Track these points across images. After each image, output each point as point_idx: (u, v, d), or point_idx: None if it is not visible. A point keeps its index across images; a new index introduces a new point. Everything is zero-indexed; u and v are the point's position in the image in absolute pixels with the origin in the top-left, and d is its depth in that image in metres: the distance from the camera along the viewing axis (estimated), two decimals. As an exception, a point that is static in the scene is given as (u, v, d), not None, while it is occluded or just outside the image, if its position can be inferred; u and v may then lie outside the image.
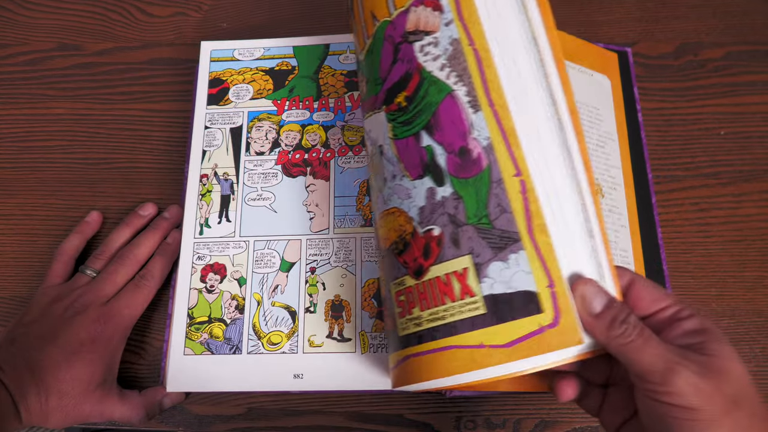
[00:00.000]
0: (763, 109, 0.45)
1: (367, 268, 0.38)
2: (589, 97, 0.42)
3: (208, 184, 0.41)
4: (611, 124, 0.42)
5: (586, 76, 0.42)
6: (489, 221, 0.27)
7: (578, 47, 0.43)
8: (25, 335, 0.35)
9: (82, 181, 0.45)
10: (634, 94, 0.44)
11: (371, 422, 0.39)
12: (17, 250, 0.43)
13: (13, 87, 0.48)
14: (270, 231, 0.39)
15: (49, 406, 0.34)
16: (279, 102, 0.43)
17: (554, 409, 0.38)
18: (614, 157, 0.41)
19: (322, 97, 0.43)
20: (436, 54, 0.29)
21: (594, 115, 0.41)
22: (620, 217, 0.39)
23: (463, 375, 0.26)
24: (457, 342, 0.26)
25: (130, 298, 0.37)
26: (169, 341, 0.38)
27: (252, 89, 0.43)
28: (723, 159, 0.44)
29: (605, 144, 0.41)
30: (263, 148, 0.41)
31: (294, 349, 0.36)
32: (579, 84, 0.42)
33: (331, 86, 0.43)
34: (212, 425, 0.39)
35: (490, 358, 0.25)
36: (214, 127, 0.42)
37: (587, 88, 0.42)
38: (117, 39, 0.49)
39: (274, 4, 0.50)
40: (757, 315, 0.40)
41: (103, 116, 0.47)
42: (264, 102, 0.43)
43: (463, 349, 0.26)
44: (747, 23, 0.47)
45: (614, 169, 0.41)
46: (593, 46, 0.44)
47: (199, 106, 0.43)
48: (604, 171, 0.40)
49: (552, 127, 0.27)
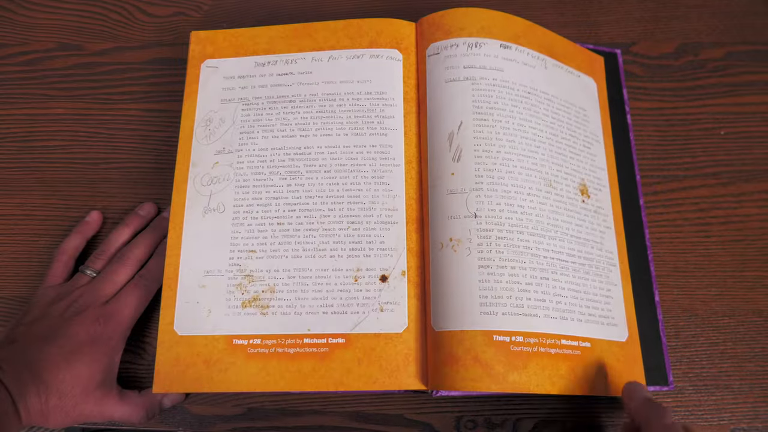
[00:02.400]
0: (763, 109, 0.45)
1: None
2: (576, 98, 0.42)
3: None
4: (597, 126, 0.42)
5: (574, 77, 0.43)
6: None
7: (566, 48, 0.43)
8: (25, 335, 0.35)
9: (82, 181, 0.45)
10: (623, 96, 0.44)
11: (371, 422, 0.39)
12: (17, 250, 0.43)
13: (13, 87, 0.48)
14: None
15: (48, 406, 0.34)
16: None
17: (554, 409, 0.38)
18: (600, 159, 0.41)
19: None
20: None
21: (581, 116, 0.42)
22: (606, 218, 0.40)
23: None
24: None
25: (129, 298, 0.37)
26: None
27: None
28: (723, 159, 0.44)
29: (591, 145, 0.41)
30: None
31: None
32: (567, 85, 0.42)
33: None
34: (212, 425, 0.39)
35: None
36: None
37: (575, 88, 0.42)
38: (117, 39, 0.49)
39: (274, 4, 0.50)
40: (757, 315, 0.40)
41: (103, 116, 0.47)
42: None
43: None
44: (747, 23, 0.47)
45: (600, 171, 0.41)
46: (580, 48, 0.44)
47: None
48: (590, 172, 0.40)
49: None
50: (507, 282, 0.35)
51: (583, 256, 0.37)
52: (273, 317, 0.36)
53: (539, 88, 0.40)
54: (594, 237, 0.39)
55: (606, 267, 0.38)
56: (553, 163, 0.39)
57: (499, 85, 0.39)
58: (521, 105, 0.39)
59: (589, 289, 0.37)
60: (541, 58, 0.41)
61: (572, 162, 0.40)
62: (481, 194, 0.36)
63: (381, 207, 0.38)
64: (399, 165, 0.39)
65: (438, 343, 0.34)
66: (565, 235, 0.37)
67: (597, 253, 0.38)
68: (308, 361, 0.35)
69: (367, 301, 0.36)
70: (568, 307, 0.36)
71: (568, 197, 0.38)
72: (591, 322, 0.36)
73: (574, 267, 0.37)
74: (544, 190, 0.38)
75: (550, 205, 0.37)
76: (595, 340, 0.36)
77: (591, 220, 0.39)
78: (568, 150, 0.40)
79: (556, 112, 0.41)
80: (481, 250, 0.35)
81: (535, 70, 0.41)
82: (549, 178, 0.38)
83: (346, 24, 0.42)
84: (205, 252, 0.38)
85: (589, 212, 0.39)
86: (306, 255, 0.37)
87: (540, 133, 0.39)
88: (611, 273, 0.39)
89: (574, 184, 0.39)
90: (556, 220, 0.37)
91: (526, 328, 0.34)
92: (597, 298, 0.37)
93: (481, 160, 0.37)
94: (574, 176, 0.39)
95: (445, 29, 0.41)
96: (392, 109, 0.40)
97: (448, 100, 0.39)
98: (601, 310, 0.37)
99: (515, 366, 0.33)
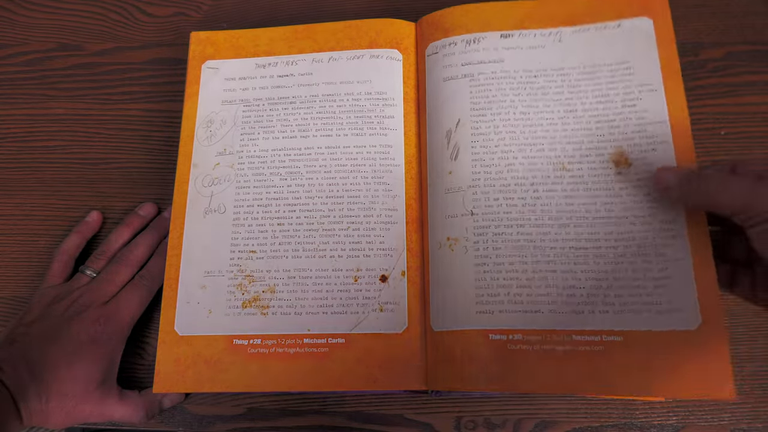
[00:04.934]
0: (763, 109, 0.45)
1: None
2: (611, 55, 0.38)
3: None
4: (651, 72, 0.37)
5: (609, 32, 0.39)
6: None
7: (596, 3, 0.39)
8: (25, 335, 0.35)
9: (82, 181, 0.45)
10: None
11: (371, 422, 0.39)
12: (17, 250, 0.43)
13: (13, 87, 0.48)
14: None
15: (49, 406, 0.34)
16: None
17: (554, 409, 0.38)
18: (654, 112, 0.36)
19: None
20: None
21: (619, 73, 0.38)
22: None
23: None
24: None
25: (129, 299, 0.38)
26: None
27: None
28: (723, 159, 0.44)
29: (638, 100, 0.37)
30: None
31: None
32: (596, 46, 0.39)
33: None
34: (212, 425, 0.39)
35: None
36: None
37: (609, 44, 0.38)
38: (117, 39, 0.49)
39: (274, 5, 0.50)
40: (757, 315, 0.40)
41: (103, 116, 0.47)
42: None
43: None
44: (747, 23, 0.47)
45: (654, 125, 0.36)
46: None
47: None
48: (636, 133, 0.36)
49: None
50: (504, 279, 0.34)
51: (613, 237, 0.34)
52: (273, 317, 0.36)
53: (549, 67, 0.39)
54: (636, 212, 0.34)
55: (658, 244, 0.34)
56: (568, 142, 0.36)
57: (499, 77, 0.39)
58: (524, 92, 0.38)
59: (624, 274, 0.33)
60: (554, 32, 0.39)
61: (601, 132, 0.36)
62: (477, 191, 0.36)
63: (381, 207, 0.38)
64: (399, 165, 0.39)
65: (437, 343, 0.34)
66: (584, 219, 0.35)
67: (640, 230, 0.34)
68: (308, 361, 0.35)
69: (366, 301, 0.36)
70: (587, 299, 0.33)
71: (591, 176, 0.36)
72: (625, 312, 0.33)
73: (597, 252, 0.34)
74: (554, 176, 0.36)
75: (561, 191, 0.36)
76: (632, 333, 0.32)
77: (631, 192, 0.35)
78: (593, 121, 0.37)
79: (576, 84, 0.38)
80: (478, 248, 0.35)
81: (544, 50, 0.39)
82: (561, 161, 0.36)
83: (347, 25, 0.42)
84: (206, 252, 0.38)
85: (629, 184, 0.35)
86: (306, 255, 0.37)
87: (550, 116, 0.37)
88: (669, 248, 0.33)
89: (603, 158, 0.36)
90: (570, 206, 0.35)
91: (526, 326, 0.33)
92: (638, 282, 0.33)
93: (478, 156, 0.37)
94: (605, 147, 0.36)
95: (444, 28, 0.41)
96: (392, 109, 0.40)
97: (446, 98, 0.39)
98: (646, 297, 0.33)
99: (513, 365, 0.33)
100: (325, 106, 0.41)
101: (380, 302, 0.36)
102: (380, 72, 0.41)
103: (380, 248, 0.37)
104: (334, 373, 0.35)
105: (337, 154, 0.39)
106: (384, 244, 0.37)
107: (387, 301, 0.36)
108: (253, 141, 0.40)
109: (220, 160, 0.40)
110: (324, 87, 0.41)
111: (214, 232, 0.38)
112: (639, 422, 0.38)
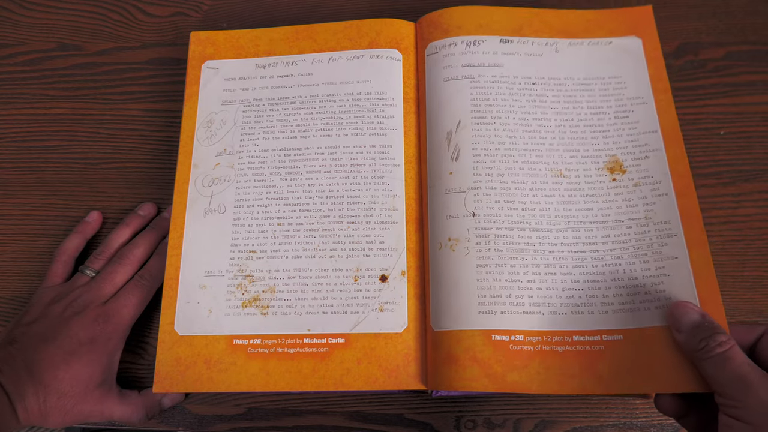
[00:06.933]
0: (763, 109, 0.45)
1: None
2: (605, 69, 0.40)
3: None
4: (641, 87, 0.39)
5: (602, 47, 0.40)
6: None
7: (591, 19, 0.41)
8: (25, 335, 0.35)
9: (82, 181, 0.45)
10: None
11: (371, 422, 0.39)
12: (17, 250, 0.43)
13: (13, 87, 0.48)
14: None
15: (47, 406, 0.34)
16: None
17: (554, 409, 0.38)
18: (646, 122, 0.38)
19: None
20: None
21: (612, 87, 0.40)
22: (656, 186, 0.36)
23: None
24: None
25: (129, 298, 0.38)
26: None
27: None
28: (723, 159, 0.44)
29: (630, 112, 0.39)
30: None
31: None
32: (590, 59, 0.40)
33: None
34: (212, 425, 0.39)
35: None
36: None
37: (603, 59, 0.40)
38: (117, 39, 0.49)
39: (274, 5, 0.50)
40: (757, 315, 0.40)
41: (103, 116, 0.47)
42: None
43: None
44: (747, 23, 0.47)
45: (646, 135, 0.38)
46: (615, 11, 0.42)
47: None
48: (629, 142, 0.38)
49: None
50: (506, 280, 0.34)
51: (611, 240, 0.35)
52: (273, 317, 0.36)
53: (547, 76, 0.40)
54: (632, 215, 0.36)
55: (655, 243, 0.35)
56: (565, 150, 0.38)
57: (499, 81, 0.39)
58: (523, 98, 0.39)
59: (623, 275, 0.34)
60: (551, 43, 0.41)
61: (596, 141, 0.38)
62: (479, 193, 0.36)
63: (381, 207, 0.38)
64: (399, 165, 0.39)
65: (437, 342, 0.34)
66: (581, 224, 0.36)
67: (637, 232, 0.35)
68: (308, 361, 0.35)
69: (366, 301, 0.36)
70: (586, 300, 0.34)
71: (587, 182, 0.37)
72: (625, 311, 0.34)
73: (595, 255, 0.35)
74: (552, 182, 0.37)
75: (559, 197, 0.37)
76: (633, 331, 0.33)
77: (627, 197, 0.36)
78: (588, 131, 0.38)
79: (572, 95, 0.39)
80: (480, 249, 0.35)
81: (542, 58, 0.40)
82: (558, 168, 0.37)
83: (347, 25, 0.42)
84: (206, 252, 0.38)
85: (624, 189, 0.37)
86: (306, 255, 0.37)
87: (547, 123, 0.38)
88: (666, 247, 0.35)
89: (598, 165, 0.37)
90: (567, 210, 0.36)
91: (527, 327, 0.34)
92: (636, 282, 0.34)
93: (480, 158, 0.37)
94: (600, 156, 0.38)
95: (443, 28, 0.41)
96: (392, 109, 0.40)
97: (446, 99, 0.39)
98: (645, 295, 0.34)
99: (515, 366, 0.33)
100: (325, 106, 0.41)
101: (380, 302, 0.36)
102: (380, 72, 0.41)
103: (380, 248, 0.37)
104: (334, 373, 0.35)
105: (337, 154, 0.39)
106: (384, 244, 0.37)
107: (387, 300, 0.36)
108: (253, 141, 0.40)
109: (220, 160, 0.40)
110: (324, 87, 0.41)
111: (214, 232, 0.38)
112: (639, 422, 0.38)
